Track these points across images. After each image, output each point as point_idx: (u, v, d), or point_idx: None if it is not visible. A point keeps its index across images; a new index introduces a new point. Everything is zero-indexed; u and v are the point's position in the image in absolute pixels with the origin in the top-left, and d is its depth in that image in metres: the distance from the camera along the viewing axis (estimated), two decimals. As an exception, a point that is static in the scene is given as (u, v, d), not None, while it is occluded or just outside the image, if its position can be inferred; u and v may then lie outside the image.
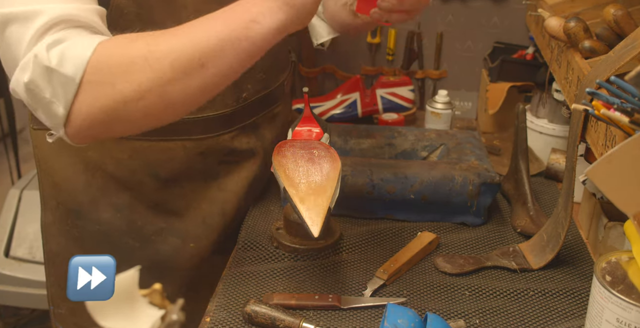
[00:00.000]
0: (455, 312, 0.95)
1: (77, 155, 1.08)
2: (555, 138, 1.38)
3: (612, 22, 0.94)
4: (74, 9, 0.78)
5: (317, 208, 0.88)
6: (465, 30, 1.70)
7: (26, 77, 0.76)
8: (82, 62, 0.75)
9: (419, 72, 1.75)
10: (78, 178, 1.10)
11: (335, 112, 1.65)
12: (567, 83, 1.04)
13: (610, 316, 0.77)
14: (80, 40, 0.77)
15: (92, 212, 1.11)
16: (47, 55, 0.75)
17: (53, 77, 0.76)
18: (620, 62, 0.82)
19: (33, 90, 0.77)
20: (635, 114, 0.68)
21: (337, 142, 1.29)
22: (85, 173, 1.09)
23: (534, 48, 1.60)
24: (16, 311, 2.14)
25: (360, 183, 1.14)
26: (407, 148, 1.30)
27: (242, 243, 1.10)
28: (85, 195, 1.10)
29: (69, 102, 0.77)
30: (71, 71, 0.75)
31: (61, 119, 0.78)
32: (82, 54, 0.75)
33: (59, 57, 0.75)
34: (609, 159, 0.63)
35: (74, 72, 0.75)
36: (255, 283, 1.00)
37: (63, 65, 0.75)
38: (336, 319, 0.93)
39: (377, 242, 1.11)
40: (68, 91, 0.76)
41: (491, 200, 1.15)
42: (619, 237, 1.02)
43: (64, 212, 1.13)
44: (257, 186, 1.22)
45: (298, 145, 0.98)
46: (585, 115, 0.90)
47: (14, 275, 1.92)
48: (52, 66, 0.75)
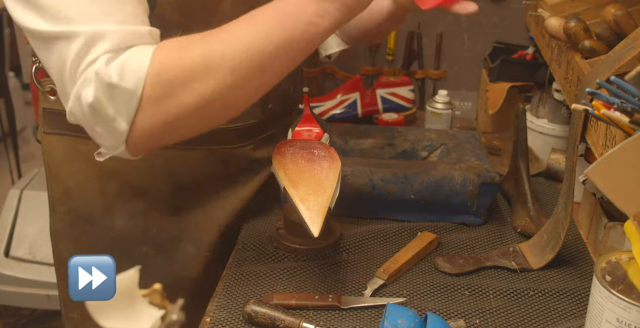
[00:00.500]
0: (455, 312, 0.95)
1: (91, 161, 1.05)
2: (555, 138, 1.38)
3: (612, 22, 0.94)
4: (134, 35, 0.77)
5: (317, 208, 0.88)
6: (465, 30, 1.70)
7: (90, 97, 0.75)
8: (141, 75, 0.74)
9: (419, 72, 1.75)
10: (91, 185, 1.08)
11: (335, 112, 1.65)
12: (567, 83, 1.04)
13: (610, 316, 0.77)
14: (137, 52, 0.76)
15: (105, 219, 1.10)
16: (108, 71, 0.74)
17: (115, 93, 0.75)
18: (620, 62, 0.82)
19: (97, 109, 0.76)
20: (635, 114, 0.68)
21: (337, 142, 1.29)
22: (98, 179, 1.08)
23: (534, 48, 1.60)
24: (16, 311, 2.14)
25: (360, 183, 1.14)
26: (407, 148, 1.30)
27: (242, 243, 1.10)
28: (99, 201, 1.09)
29: (131, 117, 0.76)
30: (132, 85, 0.74)
31: (123, 136, 0.77)
32: (140, 66, 0.74)
33: (119, 71, 0.74)
34: (609, 158, 0.63)
35: (135, 86, 0.74)
36: (256, 283, 1.00)
37: (124, 79, 0.74)
38: (336, 319, 0.93)
39: (377, 242, 1.11)
40: (131, 106, 0.75)
41: (491, 200, 1.15)
42: (619, 237, 1.02)
43: (75, 218, 1.11)
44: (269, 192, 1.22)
45: (298, 145, 0.98)
46: (585, 115, 0.90)
47: (14, 275, 1.92)
48: (114, 82, 0.74)
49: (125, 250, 1.12)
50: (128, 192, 1.08)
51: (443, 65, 1.75)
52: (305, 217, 0.87)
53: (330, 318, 0.93)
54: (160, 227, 1.11)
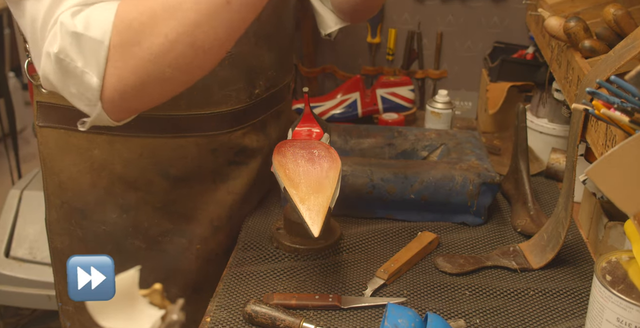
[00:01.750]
0: (456, 312, 0.95)
1: (82, 154, 1.08)
2: (556, 138, 1.38)
3: (612, 22, 0.94)
4: None
5: (317, 208, 0.88)
6: (465, 30, 1.70)
7: (55, 47, 0.75)
8: (107, 25, 0.74)
9: (419, 72, 1.75)
10: (83, 178, 1.09)
11: (335, 112, 1.65)
12: (567, 83, 1.04)
13: (611, 316, 0.77)
14: (102, 6, 0.76)
15: (98, 213, 1.11)
16: (73, 22, 0.74)
17: (82, 43, 0.74)
18: (621, 61, 0.82)
19: (64, 61, 0.75)
20: (636, 114, 0.68)
21: (337, 142, 1.29)
22: (90, 173, 1.09)
23: (534, 48, 1.60)
24: (17, 311, 2.14)
25: (360, 183, 1.14)
26: (407, 148, 1.30)
27: (242, 243, 1.10)
28: (91, 195, 1.10)
29: (101, 70, 0.75)
30: (99, 35, 0.74)
31: (96, 91, 0.76)
32: (106, 17, 0.74)
33: (84, 21, 0.74)
34: (609, 158, 0.63)
35: (102, 36, 0.74)
36: (256, 283, 1.00)
37: (90, 29, 0.74)
38: (336, 319, 0.93)
39: (377, 242, 1.11)
40: (99, 57, 0.74)
41: (491, 200, 1.15)
42: (619, 237, 1.02)
43: (68, 211, 1.12)
44: (262, 186, 1.22)
45: (298, 145, 0.98)
46: (585, 115, 0.90)
47: (14, 275, 1.92)
48: (79, 31, 0.74)
49: (117, 244, 1.13)
50: (119, 185, 1.09)
51: (443, 65, 1.75)
52: (305, 217, 0.87)
53: (330, 318, 0.93)
54: (151, 221, 1.12)
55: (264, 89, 1.13)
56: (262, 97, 1.13)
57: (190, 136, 1.07)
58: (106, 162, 1.07)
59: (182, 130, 1.06)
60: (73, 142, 1.07)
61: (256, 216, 1.19)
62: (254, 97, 1.12)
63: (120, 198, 1.10)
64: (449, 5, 1.68)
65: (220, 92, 1.06)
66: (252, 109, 1.12)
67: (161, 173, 1.09)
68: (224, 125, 1.10)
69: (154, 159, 1.07)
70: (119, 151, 1.07)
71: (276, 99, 1.19)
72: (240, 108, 1.10)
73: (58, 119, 1.06)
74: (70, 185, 1.10)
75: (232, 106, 1.09)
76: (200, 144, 1.09)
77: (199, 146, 1.09)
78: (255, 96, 1.12)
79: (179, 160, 1.08)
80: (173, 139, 1.07)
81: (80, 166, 1.08)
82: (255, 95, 1.12)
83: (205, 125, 1.08)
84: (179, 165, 1.09)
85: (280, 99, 1.20)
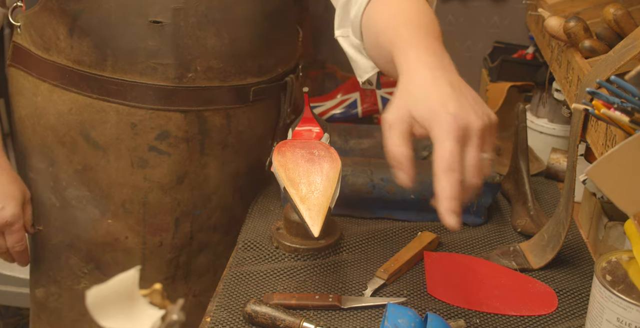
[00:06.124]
0: (456, 312, 0.95)
1: (30, 98, 1.13)
2: (556, 138, 1.38)
3: (612, 22, 0.94)
4: None
5: (317, 208, 0.88)
6: (465, 30, 1.70)
7: None
8: None
9: (419, 72, 1.75)
10: (28, 122, 1.14)
11: (335, 112, 1.65)
12: (567, 83, 1.04)
13: (611, 316, 0.77)
14: None
15: (32, 159, 1.16)
16: None
17: None
18: (621, 61, 0.82)
19: None
20: (636, 114, 0.68)
21: (337, 142, 1.29)
22: (33, 118, 1.14)
23: (534, 48, 1.60)
24: (17, 311, 2.14)
25: (360, 183, 1.14)
26: (407, 148, 1.30)
27: (242, 243, 1.10)
28: (30, 140, 1.15)
29: None
30: None
31: None
32: None
33: None
34: (609, 158, 0.63)
35: None
36: (256, 283, 1.00)
37: None
38: (336, 319, 0.93)
39: (378, 242, 1.11)
40: None
41: (491, 200, 1.15)
42: (619, 237, 1.02)
43: (18, 150, 1.20)
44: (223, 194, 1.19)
45: (298, 145, 0.98)
46: (585, 115, 0.90)
47: (14, 275, 1.92)
48: None
49: (38, 195, 1.17)
50: (51, 137, 1.13)
51: (443, 65, 1.75)
52: (305, 217, 0.87)
53: (330, 318, 0.93)
54: (70, 182, 1.14)
55: (203, 77, 1.07)
56: (199, 85, 1.08)
57: (113, 102, 1.08)
58: (45, 110, 1.12)
59: (106, 93, 1.07)
60: (25, 84, 1.13)
61: (256, 216, 1.19)
62: (186, 80, 1.07)
63: (49, 151, 1.14)
64: (449, 5, 1.68)
65: (146, 62, 1.05)
66: (183, 93, 1.08)
67: (83, 134, 1.11)
68: (147, 100, 1.08)
69: (79, 116, 1.10)
70: (54, 102, 1.11)
71: (227, 97, 1.11)
72: (166, 86, 1.07)
73: (19, 60, 1.13)
74: (19, 126, 1.17)
75: (158, 81, 1.06)
76: (121, 113, 1.09)
77: (119, 115, 1.09)
78: (188, 80, 1.07)
79: (99, 125, 1.10)
80: (97, 101, 1.09)
81: (27, 109, 1.14)
82: (188, 78, 1.07)
83: (128, 94, 1.07)
84: (99, 129, 1.10)
85: (233, 99, 1.12)
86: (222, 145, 1.15)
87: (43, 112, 1.12)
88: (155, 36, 1.04)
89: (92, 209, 1.15)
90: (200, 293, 1.24)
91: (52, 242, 1.19)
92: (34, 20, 1.08)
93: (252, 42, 1.10)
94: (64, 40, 1.07)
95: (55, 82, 1.10)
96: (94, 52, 1.06)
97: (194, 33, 1.04)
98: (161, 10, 1.02)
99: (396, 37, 0.83)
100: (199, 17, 1.04)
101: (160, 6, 1.02)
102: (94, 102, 1.09)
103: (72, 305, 1.21)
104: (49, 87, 1.11)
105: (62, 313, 1.22)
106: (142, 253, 1.17)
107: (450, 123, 0.72)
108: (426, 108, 0.73)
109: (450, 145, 0.72)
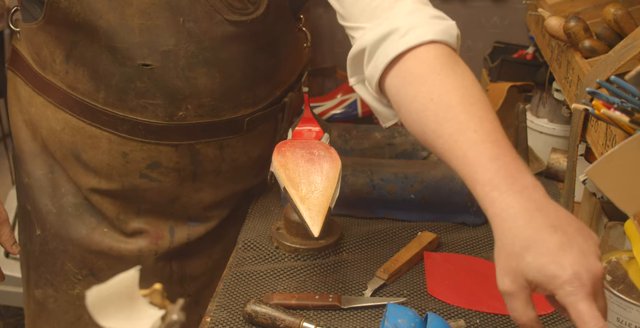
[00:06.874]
0: (456, 312, 0.95)
1: (24, 106, 1.13)
2: (556, 138, 1.38)
3: (612, 22, 0.94)
4: None
5: (317, 208, 0.88)
6: (465, 30, 1.69)
7: None
8: None
9: (419, 72, 1.75)
10: (24, 128, 1.14)
11: (335, 112, 1.65)
12: (567, 83, 1.04)
13: (611, 316, 0.77)
14: None
15: (28, 164, 1.15)
16: None
17: None
18: (621, 61, 0.82)
19: None
20: (636, 114, 0.68)
21: (337, 142, 1.29)
22: (27, 126, 1.14)
23: (534, 48, 1.60)
24: (17, 311, 2.14)
25: (360, 183, 1.14)
26: (407, 148, 1.30)
27: (242, 243, 1.10)
28: (26, 145, 1.15)
29: None
30: None
31: None
32: None
33: None
34: (609, 158, 0.63)
35: None
36: (256, 283, 1.00)
37: None
38: (336, 319, 0.93)
39: (378, 242, 1.11)
40: None
41: (491, 200, 1.15)
42: (619, 237, 1.02)
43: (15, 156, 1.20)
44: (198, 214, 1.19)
45: (298, 145, 0.98)
46: (585, 115, 0.90)
47: (14, 275, 1.91)
48: None
49: (33, 200, 1.17)
50: (46, 147, 1.13)
51: (443, 65, 1.75)
52: (305, 217, 0.87)
53: (330, 318, 0.93)
54: (68, 189, 1.14)
55: (194, 115, 1.06)
56: (190, 122, 1.07)
57: (105, 130, 1.08)
58: (38, 123, 1.12)
59: (98, 122, 1.07)
60: (21, 92, 1.13)
61: (256, 216, 1.19)
62: (177, 118, 1.06)
63: (46, 158, 1.14)
64: (449, 5, 1.67)
65: (136, 101, 1.04)
66: (174, 129, 1.07)
67: (74, 154, 1.11)
68: (138, 134, 1.07)
69: (72, 137, 1.10)
70: (48, 118, 1.10)
71: (216, 131, 1.10)
72: (157, 123, 1.06)
73: (16, 66, 1.12)
74: (15, 131, 1.16)
75: (148, 118, 1.06)
76: (113, 142, 1.08)
77: (111, 143, 1.09)
78: (178, 118, 1.06)
79: (91, 149, 1.10)
80: (89, 126, 1.08)
81: (22, 116, 1.14)
82: (178, 117, 1.06)
83: (119, 127, 1.07)
84: (90, 153, 1.10)
85: (224, 131, 1.10)
86: (215, 173, 1.14)
87: (36, 124, 1.12)
88: (144, 78, 1.01)
89: (89, 217, 1.15)
90: (194, 292, 1.24)
91: (48, 247, 1.18)
92: (32, 37, 1.06)
93: (246, 77, 1.07)
94: (60, 64, 1.05)
95: (49, 99, 1.09)
96: (89, 82, 1.04)
97: (184, 74, 1.02)
98: (150, 53, 0.99)
99: (463, 163, 0.75)
100: (189, 59, 1.01)
101: (149, 49, 0.99)
102: (87, 127, 1.08)
103: (68, 309, 1.21)
104: (44, 101, 1.09)
105: (59, 315, 1.22)
106: (138, 261, 1.16)
107: (574, 286, 0.64)
108: (540, 273, 0.65)
109: (584, 307, 0.63)
